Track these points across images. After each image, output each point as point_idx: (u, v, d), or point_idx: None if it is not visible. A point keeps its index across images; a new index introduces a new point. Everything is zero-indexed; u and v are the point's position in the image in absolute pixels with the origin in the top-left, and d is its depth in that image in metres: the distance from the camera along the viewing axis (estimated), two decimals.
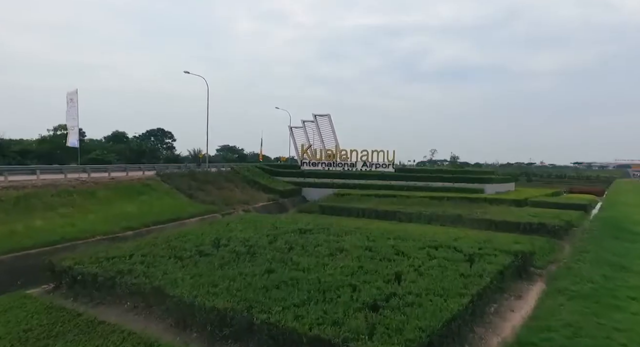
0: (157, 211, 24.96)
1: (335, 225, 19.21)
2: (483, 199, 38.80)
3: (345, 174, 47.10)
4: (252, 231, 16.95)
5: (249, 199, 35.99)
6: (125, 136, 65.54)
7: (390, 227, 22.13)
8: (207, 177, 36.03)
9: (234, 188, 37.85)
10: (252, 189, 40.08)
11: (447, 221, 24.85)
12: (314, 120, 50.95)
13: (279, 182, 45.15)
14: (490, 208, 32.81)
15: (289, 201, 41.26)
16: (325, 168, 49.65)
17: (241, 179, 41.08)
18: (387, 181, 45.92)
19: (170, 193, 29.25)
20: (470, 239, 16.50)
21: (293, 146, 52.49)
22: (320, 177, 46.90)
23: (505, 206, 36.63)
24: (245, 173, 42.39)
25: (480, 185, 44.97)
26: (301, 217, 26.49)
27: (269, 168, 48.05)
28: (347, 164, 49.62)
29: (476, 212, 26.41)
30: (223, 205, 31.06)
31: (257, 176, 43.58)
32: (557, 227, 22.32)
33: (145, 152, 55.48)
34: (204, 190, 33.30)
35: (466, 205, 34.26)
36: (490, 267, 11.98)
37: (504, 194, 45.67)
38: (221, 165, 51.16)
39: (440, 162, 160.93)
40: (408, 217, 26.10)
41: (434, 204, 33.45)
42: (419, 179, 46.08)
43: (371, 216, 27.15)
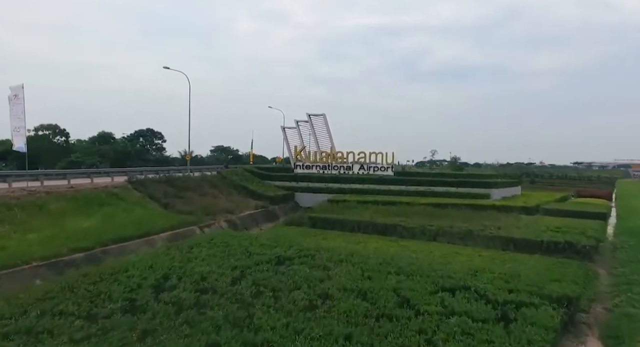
0: (121, 226, 21.18)
1: (324, 248, 15.43)
2: (490, 205, 35.09)
3: (341, 178, 43.33)
4: (217, 262, 13.18)
5: (235, 207, 32.22)
6: (112, 137, 61.78)
7: (390, 249, 18.40)
8: (187, 183, 32.24)
9: (219, 195, 34.07)
10: (239, 195, 36.30)
11: (456, 238, 21.10)
12: (308, 121, 47.15)
13: (269, 187, 41.36)
14: (500, 218, 29.12)
15: (280, 207, 37.49)
16: (319, 171, 45.87)
17: (228, 184, 37.29)
18: (386, 186, 42.16)
19: (142, 203, 25.48)
20: (493, 273, 12.72)
21: (286, 148, 48.73)
22: (314, 182, 43.13)
23: (515, 214, 33.00)
24: (232, 177, 38.61)
25: (486, 190, 41.23)
26: (286, 232, 22.75)
27: (260, 171, 44.26)
28: (343, 167, 45.87)
29: (489, 227, 22.60)
30: (203, 215, 27.30)
31: (245, 181, 39.80)
32: (588, 247, 18.60)
33: (130, 154, 51.67)
34: (183, 198, 29.53)
35: (474, 214, 30.59)
36: (535, 333, 8.24)
37: (510, 199, 41.97)
38: (208, 168, 47.44)
39: (440, 163, 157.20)
40: (411, 232, 22.35)
41: (438, 214, 29.76)
42: (420, 183, 42.30)
43: (368, 230, 23.38)
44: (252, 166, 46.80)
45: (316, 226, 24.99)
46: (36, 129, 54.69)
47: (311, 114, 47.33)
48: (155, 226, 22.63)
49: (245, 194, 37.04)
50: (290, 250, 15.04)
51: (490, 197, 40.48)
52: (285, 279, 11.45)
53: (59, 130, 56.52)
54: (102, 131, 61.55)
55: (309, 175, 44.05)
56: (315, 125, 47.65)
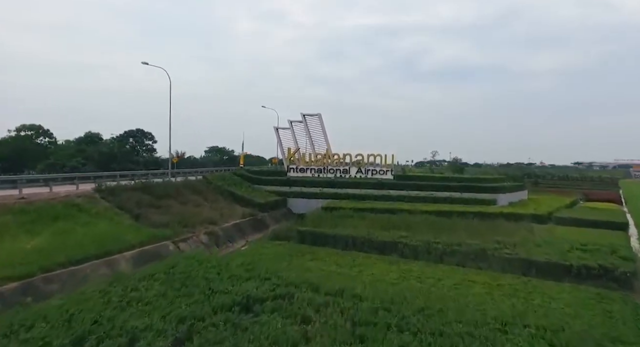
0: (76, 244, 17.88)
1: (307, 283, 12.15)
2: (498, 213, 31.79)
3: (337, 183, 40.03)
4: (163, 308, 9.91)
5: (219, 216, 28.92)
6: (99, 137, 58.43)
7: (391, 275, 15.16)
8: (167, 190, 28.91)
9: (202, 202, 30.77)
10: (226, 202, 33.01)
11: (468, 259, 17.81)
12: (303, 121, 43.86)
13: (260, 192, 38.08)
14: (512, 230, 25.88)
15: (270, 215, 34.20)
16: (314, 175, 42.57)
17: (213, 190, 33.99)
18: (385, 191, 38.87)
19: (108, 215, 22.17)
20: (529, 327, 9.41)
21: (279, 150, 45.43)
22: (308, 186, 39.84)
23: (526, 223, 29.76)
24: (219, 183, 35.29)
25: (492, 195, 37.95)
26: (270, 251, 19.49)
27: (250, 175, 40.96)
28: (339, 170, 42.56)
29: (503, 244, 19.31)
30: (180, 227, 24.01)
31: (234, 186, 36.48)
32: (628, 273, 15.33)
33: (116, 156, 48.32)
34: (160, 207, 26.21)
35: (482, 225, 27.36)
36: None
37: (518, 205, 38.70)
38: (203, 171, 44.17)
39: (440, 163, 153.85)
40: (414, 251, 19.07)
41: (443, 225, 26.52)
42: (421, 188, 39.01)
43: (364, 248, 20.11)
44: (243, 170, 43.47)
45: (305, 241, 21.75)
46: (17, 130, 51.34)
47: (306, 114, 44.03)
48: (120, 242, 19.35)
49: (233, 201, 33.75)
50: (265, 285, 11.78)
51: (496, 203, 37.21)
52: (246, 343, 8.17)
53: (42, 131, 53.19)
54: (88, 131, 58.22)
55: (302, 179, 40.75)
56: (310, 125, 44.35)
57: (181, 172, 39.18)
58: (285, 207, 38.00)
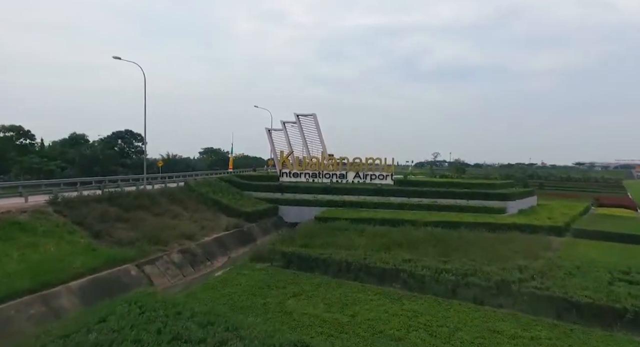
0: (4, 275, 14.39)
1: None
2: (511, 224, 28.24)
3: (333, 189, 36.45)
4: None
5: (199, 228, 25.40)
6: (84, 139, 54.88)
7: (392, 321, 11.62)
8: (140, 200, 25.31)
9: (182, 213, 27.21)
10: (209, 211, 29.46)
11: (487, 295, 14.20)
12: (296, 122, 40.25)
13: (249, 199, 34.51)
14: (530, 246, 22.34)
15: (259, 225, 30.64)
16: (309, 180, 39.00)
17: (196, 198, 30.41)
18: (385, 198, 35.29)
19: (60, 233, 18.61)
20: None
21: (272, 153, 41.84)
22: (302, 192, 36.28)
23: (543, 236, 26.23)
24: (202, 190, 31.69)
25: (501, 202, 34.37)
26: (243, 281, 15.84)
27: (239, 181, 37.38)
28: (336, 174, 38.96)
29: (527, 273, 15.72)
30: (149, 245, 20.47)
31: (220, 193, 32.90)
32: None
33: (99, 159, 44.76)
34: (128, 221, 22.65)
35: (495, 240, 23.82)
36: None
37: (529, 213, 35.14)
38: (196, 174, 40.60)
39: (440, 163, 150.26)
40: (419, 281, 15.47)
41: (451, 240, 22.97)
42: (424, 194, 35.43)
43: (360, 275, 16.52)
44: (231, 175, 39.80)
45: (291, 265, 18.13)
46: None
47: (300, 115, 40.43)
48: (66, 269, 15.84)
49: (217, 210, 30.18)
50: None
51: (506, 211, 33.64)
52: None
53: (23, 132, 49.60)
54: (73, 133, 54.61)
55: (296, 185, 37.15)
56: (304, 126, 40.74)
57: (159, 177, 35.59)
58: (276, 215, 34.45)
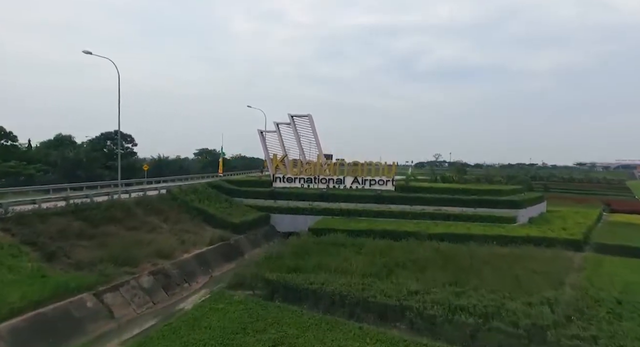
0: None
1: None
2: (524, 237, 25.34)
3: (330, 196, 33.47)
4: None
5: (179, 243, 22.48)
6: (70, 140, 51.89)
7: None
8: (111, 213, 22.33)
9: (160, 225, 24.27)
10: (192, 222, 26.52)
11: (515, 346, 11.26)
12: (290, 123, 37.27)
13: (238, 207, 31.57)
14: (551, 267, 19.41)
15: (248, 237, 27.70)
16: (304, 185, 36.02)
17: (178, 207, 27.44)
18: (386, 205, 32.35)
19: (1, 257, 15.66)
20: None
21: (265, 156, 38.90)
22: (296, 199, 33.33)
23: (561, 252, 23.29)
24: (186, 197, 28.72)
25: (511, 211, 31.43)
26: (212, 321, 12.86)
27: (229, 187, 34.39)
28: (332, 180, 35.98)
29: (566, 318, 12.75)
30: (116, 266, 17.53)
31: (206, 201, 29.93)
32: None
33: (81, 162, 41.80)
34: (94, 238, 19.69)
35: (510, 256, 20.93)
36: None
37: (541, 222, 32.23)
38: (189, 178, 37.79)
39: (441, 163, 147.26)
40: (429, 322, 12.53)
41: (461, 259, 20.03)
42: (428, 202, 32.46)
43: (356, 312, 13.57)
44: (220, 180, 36.74)
45: (275, 296, 15.18)
46: None
47: (294, 115, 37.48)
48: None
49: (202, 221, 27.24)
50: None
51: (516, 220, 30.72)
52: None
53: (4, 133, 46.60)
54: (59, 134, 51.61)
55: (289, 191, 34.17)
56: (299, 128, 37.80)
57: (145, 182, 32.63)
58: (267, 225, 31.52)
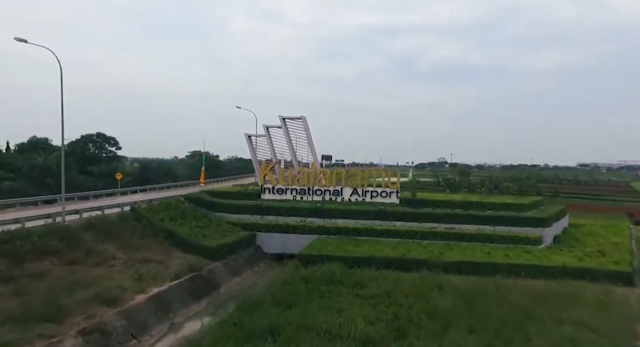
0: None
1: None
2: (560, 268, 20.44)
3: (325, 211, 28.44)
4: None
5: (134, 280, 17.59)
6: (46, 143, 46.98)
7: None
8: (46, 242, 17.30)
9: (114, 255, 19.33)
10: (158, 248, 21.60)
11: None
12: (282, 126, 32.36)
13: (218, 226, 26.64)
14: (610, 316, 14.53)
15: (227, 264, 22.78)
16: (296, 197, 31.13)
17: (143, 229, 22.46)
18: (390, 223, 27.41)
19: None
20: None
21: (254, 164, 34.00)
22: (287, 215, 28.38)
23: (607, 286, 18.43)
24: (156, 216, 23.77)
25: (536, 230, 26.47)
26: None
27: (210, 200, 29.42)
28: (329, 190, 31.06)
29: None
30: (27, 326, 12.66)
31: (181, 218, 25.02)
32: None
33: (51, 170, 36.88)
34: (13, 280, 14.78)
35: (549, 297, 16.05)
36: None
37: (569, 241, 27.34)
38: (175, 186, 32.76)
39: (441, 164, 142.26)
40: None
41: (489, 302, 15.19)
42: (439, 218, 27.48)
43: None
44: (200, 192, 31.53)
45: None
46: None
47: (286, 117, 32.57)
48: None
49: (172, 245, 22.33)
50: None
51: (542, 241, 25.79)
52: None
53: None
54: (33, 137, 46.69)
55: (279, 205, 29.17)
56: (292, 132, 32.93)
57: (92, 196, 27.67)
58: (252, 245, 26.61)
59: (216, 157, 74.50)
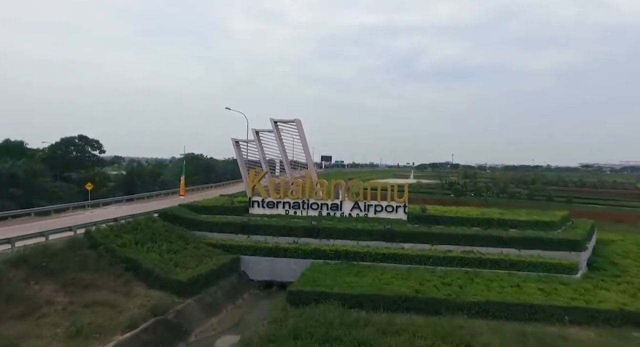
0: None
1: None
2: (616, 313, 15.99)
3: (321, 231, 23.92)
4: None
5: (71, 334, 13.22)
6: (19, 148, 42.58)
7: None
8: None
9: (51, 299, 14.91)
10: (115, 283, 17.18)
11: None
12: (273, 130, 27.91)
13: (197, 249, 22.17)
14: None
15: (202, 301, 18.32)
16: (289, 211, 26.73)
17: (97, 260, 18.03)
18: (398, 245, 22.98)
19: None
20: None
21: (242, 173, 29.58)
22: (277, 234, 23.98)
23: None
24: (115, 242, 19.31)
25: (569, 254, 22.06)
26: None
27: (188, 217, 24.92)
28: (326, 204, 26.63)
29: None
30: None
31: (149, 243, 20.56)
32: None
33: (17, 178, 32.50)
34: None
35: None
36: None
37: (605, 266, 23.00)
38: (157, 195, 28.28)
39: (442, 165, 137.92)
40: None
41: None
42: (454, 239, 23.02)
43: None
44: (179, 206, 26.74)
45: None
46: None
47: (278, 121, 28.12)
48: None
49: (134, 277, 17.92)
50: None
51: (577, 268, 21.38)
52: None
53: None
54: (6, 140, 42.24)
55: (268, 223, 24.67)
56: (285, 136, 28.50)
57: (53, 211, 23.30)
58: (235, 272, 22.18)
59: (211, 159, 70.03)
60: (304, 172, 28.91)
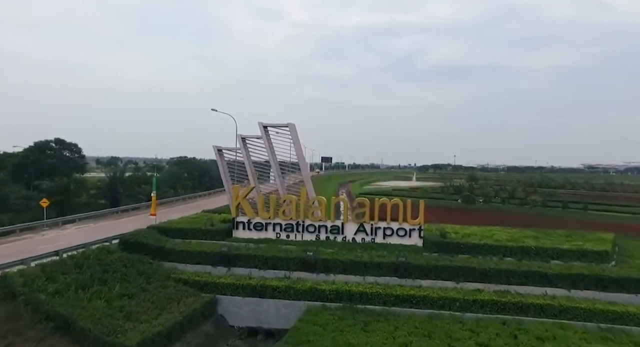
0: None
1: None
2: None
3: (318, 263, 18.84)
4: None
5: None
6: None
7: None
8: None
9: None
10: None
11: None
12: (263, 136, 22.89)
13: (163, 287, 17.15)
14: None
15: None
16: (280, 234, 21.73)
17: (14, 316, 13.09)
18: (414, 281, 17.97)
19: None
20: None
21: (225, 186, 24.52)
22: (264, 266, 18.95)
23: None
24: (47, 288, 14.30)
25: (632, 297, 17.01)
26: None
27: (155, 244, 19.81)
28: (325, 226, 21.58)
29: None
30: None
31: (98, 282, 15.55)
32: None
33: None
34: None
35: None
36: None
37: None
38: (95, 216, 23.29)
39: (444, 167, 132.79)
40: None
41: None
42: (484, 275, 17.92)
43: None
44: (147, 230, 21.45)
45: None
46: None
47: (268, 125, 23.04)
48: None
49: (59, 343, 12.95)
50: None
51: None
52: None
53: None
54: None
55: (254, 253, 19.53)
56: (276, 143, 23.43)
57: None
58: (211, 318, 17.17)
59: (208, 162, 64.89)
60: (299, 176, 23.91)
